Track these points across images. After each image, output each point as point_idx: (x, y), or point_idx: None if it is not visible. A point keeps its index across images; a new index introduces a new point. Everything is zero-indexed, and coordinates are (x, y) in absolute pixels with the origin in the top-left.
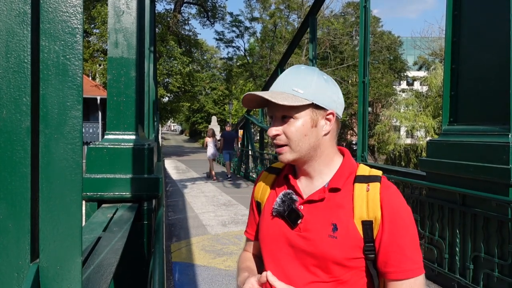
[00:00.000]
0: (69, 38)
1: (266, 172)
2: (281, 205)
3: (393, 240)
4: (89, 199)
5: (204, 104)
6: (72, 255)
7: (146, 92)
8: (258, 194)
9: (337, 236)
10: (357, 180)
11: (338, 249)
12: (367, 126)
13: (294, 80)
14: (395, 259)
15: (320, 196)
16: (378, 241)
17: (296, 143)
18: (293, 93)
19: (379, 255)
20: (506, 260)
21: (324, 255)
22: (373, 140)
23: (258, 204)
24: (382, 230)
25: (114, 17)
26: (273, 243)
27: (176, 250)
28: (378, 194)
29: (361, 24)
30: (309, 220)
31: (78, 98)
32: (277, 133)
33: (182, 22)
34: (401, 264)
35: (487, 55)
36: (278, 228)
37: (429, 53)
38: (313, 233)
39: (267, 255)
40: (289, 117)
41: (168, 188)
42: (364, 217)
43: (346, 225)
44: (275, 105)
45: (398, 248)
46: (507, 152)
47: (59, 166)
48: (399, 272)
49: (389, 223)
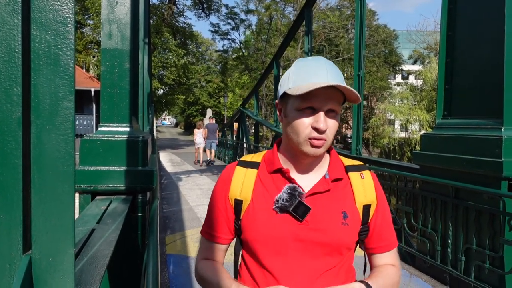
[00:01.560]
0: (61, 28)
1: (240, 167)
2: (288, 200)
3: (385, 219)
4: (83, 191)
5: (199, 97)
6: (64, 246)
7: (140, 84)
8: (237, 191)
9: (348, 223)
10: (348, 170)
11: (350, 235)
12: (361, 120)
13: (341, 75)
14: (386, 234)
15: (325, 188)
16: (374, 221)
17: (332, 137)
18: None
19: (374, 232)
20: (497, 252)
21: (338, 242)
22: (368, 134)
23: (237, 203)
24: (377, 211)
25: (108, 8)
26: (278, 241)
27: (170, 242)
28: (371, 181)
29: (357, 17)
30: (317, 212)
31: (70, 89)
32: (326, 128)
33: (177, 13)
34: (390, 237)
35: (482, 50)
36: (283, 225)
37: (424, 47)
38: (325, 223)
39: (268, 255)
40: (335, 112)
41: (163, 181)
42: (364, 202)
43: (352, 211)
44: (329, 98)
45: (388, 225)
46: (499, 145)
47: (51, 157)
48: (390, 244)
49: (381, 205)
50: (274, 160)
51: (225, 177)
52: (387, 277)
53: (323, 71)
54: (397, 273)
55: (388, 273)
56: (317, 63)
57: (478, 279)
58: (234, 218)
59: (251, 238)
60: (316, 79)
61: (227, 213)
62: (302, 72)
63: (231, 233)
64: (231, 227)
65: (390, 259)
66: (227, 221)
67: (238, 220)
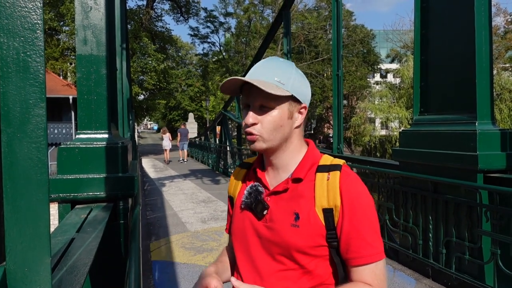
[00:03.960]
0: (29, 34)
1: (238, 167)
2: (248, 197)
3: (353, 227)
4: (62, 201)
5: (181, 101)
6: (40, 256)
7: (119, 89)
8: (231, 189)
9: (299, 225)
10: (318, 169)
11: (300, 238)
12: (342, 119)
13: (276, 70)
14: (355, 245)
15: (284, 187)
16: (339, 228)
17: (271, 133)
18: (276, 83)
19: (341, 242)
20: (475, 243)
21: (287, 244)
22: (349, 133)
23: (231, 199)
24: (342, 217)
25: (82, 13)
26: (242, 235)
27: (155, 249)
28: (337, 182)
29: (334, 18)
30: (274, 211)
31: (41, 96)
32: (255, 122)
33: (155, 18)
34: (361, 250)
35: (454, 46)
36: (247, 220)
37: (401, 45)
38: (277, 223)
39: (238, 247)
40: (268, 107)
41: (146, 187)
42: (325, 205)
43: (307, 213)
44: (257, 94)
45: (358, 234)
46: (474, 139)
47: (23, 166)
48: (360, 257)
49: (349, 210)
50: (256, 160)
51: (231, 177)
52: None
53: (254, 69)
54: None
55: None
56: (260, 63)
57: (459, 270)
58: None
59: (230, 232)
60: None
61: (230, 209)
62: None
63: None
64: None
65: (365, 276)
66: (231, 215)
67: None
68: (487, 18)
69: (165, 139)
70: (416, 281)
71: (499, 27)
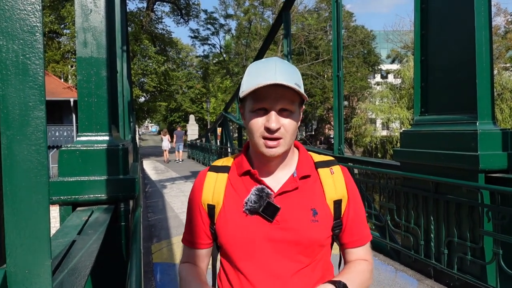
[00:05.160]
0: (28, 37)
1: (211, 172)
2: (257, 201)
3: (356, 213)
4: (63, 203)
5: (182, 103)
6: (40, 258)
7: (119, 92)
8: (209, 196)
9: (318, 220)
10: (318, 166)
11: (320, 232)
12: (342, 119)
13: (293, 74)
14: (358, 228)
15: (293, 186)
16: (346, 216)
17: (291, 137)
18: (296, 87)
19: (346, 227)
20: (477, 244)
21: (310, 240)
22: (350, 133)
23: (210, 208)
24: (348, 206)
25: (82, 16)
26: (250, 243)
27: (157, 251)
28: (342, 176)
29: (334, 19)
30: (286, 211)
31: (40, 98)
32: (279, 127)
33: (156, 20)
34: (363, 232)
35: (455, 47)
36: (253, 226)
37: (402, 46)
38: (293, 222)
39: (241, 257)
40: (289, 110)
41: (147, 189)
42: (334, 197)
43: (322, 207)
44: (280, 97)
45: (361, 219)
46: (475, 139)
47: (23, 168)
48: (361, 239)
49: (353, 199)
50: (243, 162)
51: (198, 183)
52: (359, 272)
53: (271, 70)
54: (368, 267)
55: (359, 268)
56: (267, 64)
57: (461, 270)
58: (209, 223)
59: (224, 242)
60: (263, 79)
61: (202, 219)
62: (253, 74)
63: (209, 238)
64: (208, 232)
65: (363, 253)
66: (203, 226)
67: (213, 224)
68: (487, 18)
69: (165, 140)
70: (418, 281)
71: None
